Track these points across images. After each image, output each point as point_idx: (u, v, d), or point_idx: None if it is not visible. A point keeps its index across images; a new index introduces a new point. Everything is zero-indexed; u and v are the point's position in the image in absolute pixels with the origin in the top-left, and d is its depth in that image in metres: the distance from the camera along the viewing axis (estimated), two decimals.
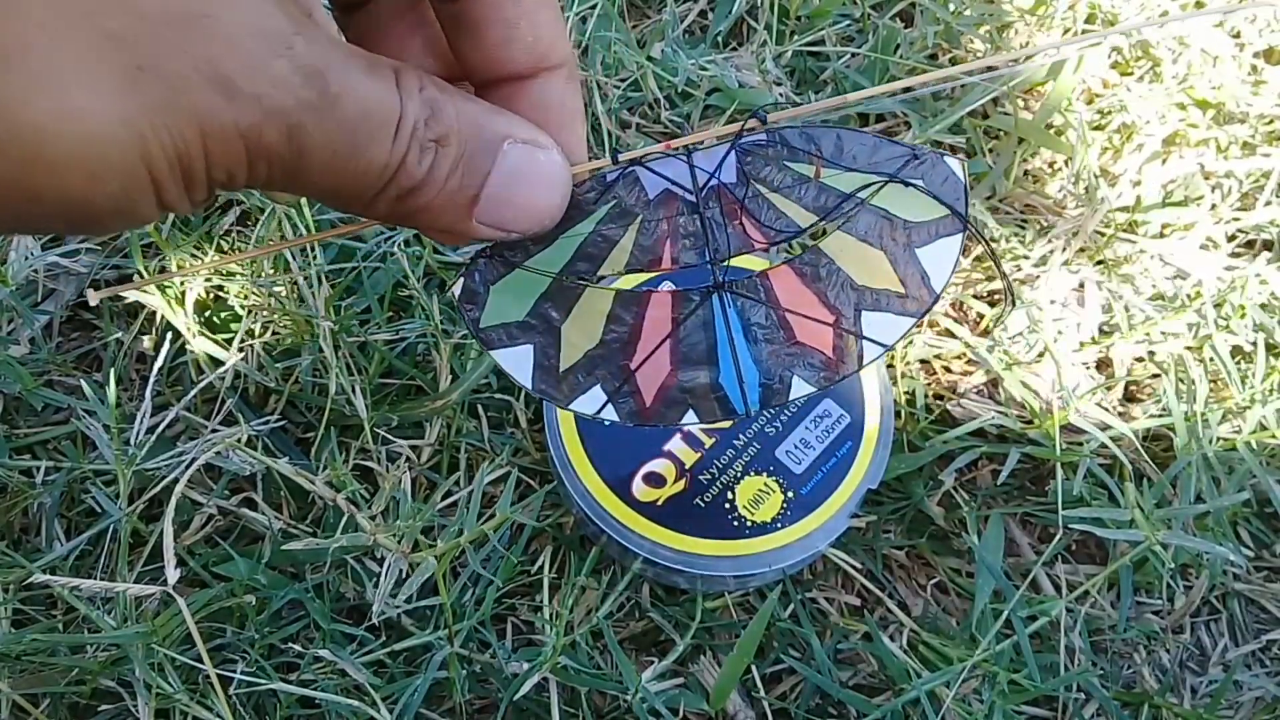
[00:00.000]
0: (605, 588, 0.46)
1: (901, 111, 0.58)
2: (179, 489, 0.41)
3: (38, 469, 0.48)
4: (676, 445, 0.46)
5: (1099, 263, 0.55)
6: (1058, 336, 0.52)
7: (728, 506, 0.44)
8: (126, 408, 0.50)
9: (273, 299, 0.50)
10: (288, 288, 0.50)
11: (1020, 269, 0.54)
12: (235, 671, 0.42)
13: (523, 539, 0.48)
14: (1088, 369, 0.53)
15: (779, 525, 0.44)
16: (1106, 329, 0.53)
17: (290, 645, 0.44)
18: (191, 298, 0.50)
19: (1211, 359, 0.51)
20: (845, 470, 0.45)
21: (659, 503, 0.44)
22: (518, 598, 0.48)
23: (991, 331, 0.53)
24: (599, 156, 0.26)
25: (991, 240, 0.55)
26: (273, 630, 0.45)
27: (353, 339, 0.50)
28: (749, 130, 0.27)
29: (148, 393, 0.44)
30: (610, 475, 0.45)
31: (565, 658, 0.43)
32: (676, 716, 0.45)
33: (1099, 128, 0.58)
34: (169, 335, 0.48)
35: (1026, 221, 0.56)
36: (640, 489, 0.45)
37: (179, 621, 0.40)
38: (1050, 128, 0.57)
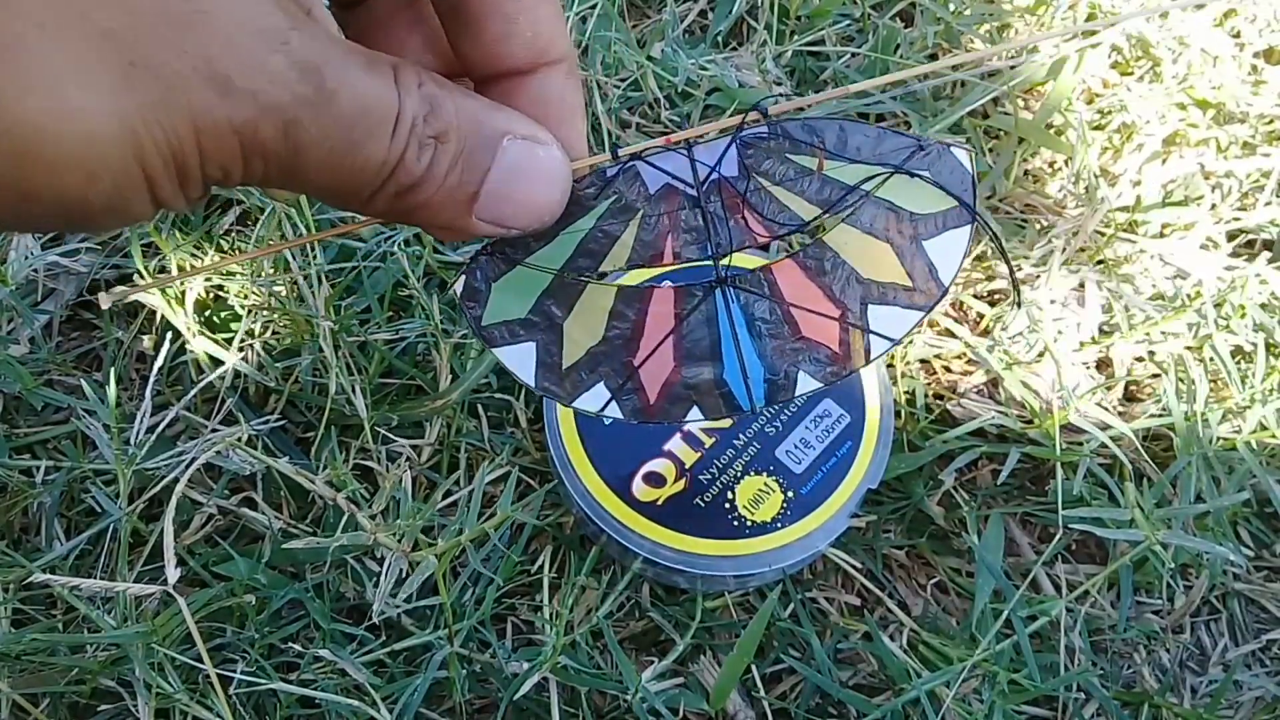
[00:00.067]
0: (605, 587, 0.46)
1: (902, 111, 0.58)
2: (179, 489, 0.41)
3: (38, 469, 0.48)
4: (676, 445, 0.46)
5: (1099, 263, 0.55)
6: (1058, 336, 0.52)
7: (728, 506, 0.44)
8: (126, 407, 0.50)
9: (273, 299, 0.50)
10: (288, 287, 0.50)
11: (1020, 269, 0.54)
12: (235, 671, 0.42)
13: (523, 539, 0.48)
14: (1088, 369, 0.52)
15: (779, 525, 0.44)
16: (1106, 329, 0.53)
17: (290, 645, 0.44)
18: (191, 297, 0.50)
19: (1211, 359, 0.51)
20: (845, 470, 0.45)
21: (659, 502, 0.44)
22: (518, 597, 0.47)
23: (992, 331, 0.53)
24: (599, 153, 0.26)
25: (994, 241, 0.55)
26: (273, 630, 0.45)
27: (353, 339, 0.50)
28: (750, 123, 0.26)
29: (148, 392, 0.44)
30: (610, 475, 0.45)
31: (565, 657, 0.43)
32: (676, 716, 0.45)
33: (1099, 128, 0.58)
34: (169, 335, 0.48)
35: (1026, 221, 0.56)
36: (640, 489, 0.45)
37: (179, 621, 0.40)
38: (1050, 127, 0.57)
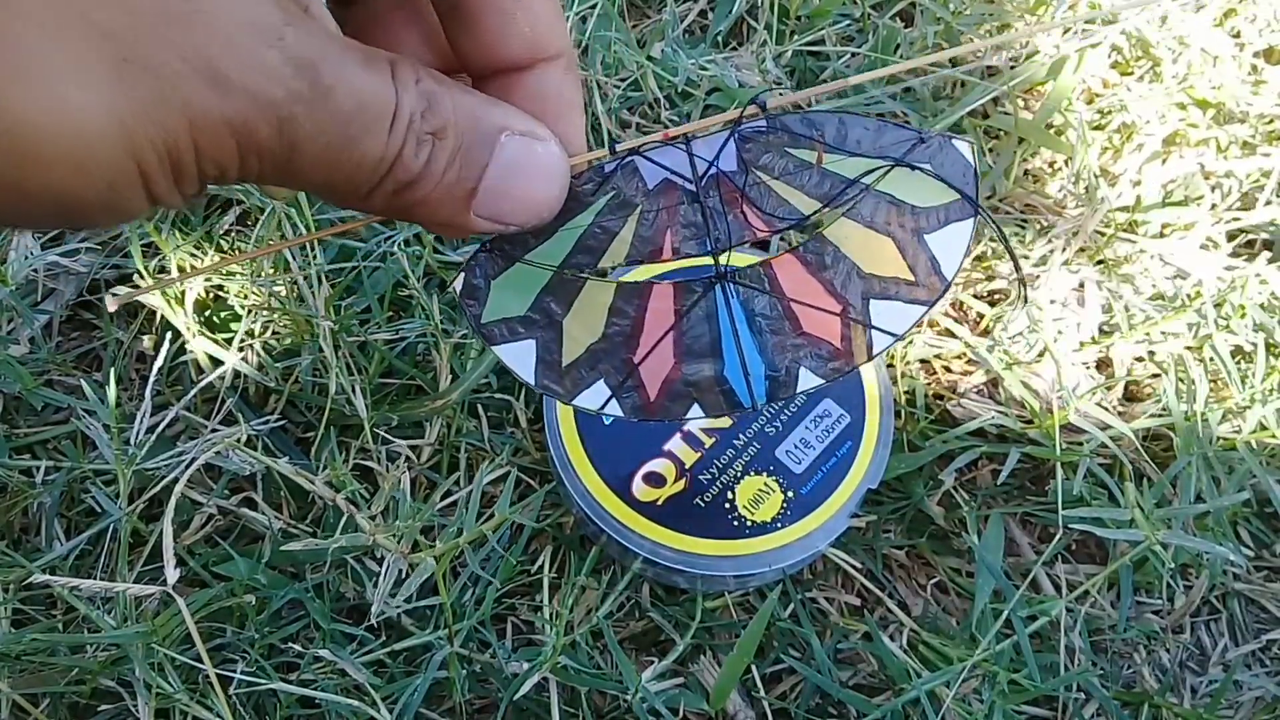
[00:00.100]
0: (605, 588, 0.46)
1: (902, 111, 0.58)
2: (179, 489, 0.41)
3: (38, 469, 0.48)
4: (676, 445, 0.46)
5: (1099, 263, 0.55)
6: (1058, 336, 0.52)
7: (728, 506, 0.44)
8: (126, 408, 0.50)
9: (273, 299, 0.50)
10: (288, 287, 0.50)
11: (1021, 269, 0.54)
12: (235, 671, 0.42)
13: (522, 539, 0.48)
14: (1088, 369, 0.52)
15: (779, 525, 0.44)
16: (1106, 329, 0.53)
17: (290, 645, 0.44)
18: (191, 297, 0.50)
19: (1211, 359, 0.50)
20: (845, 470, 0.45)
21: (659, 502, 0.44)
22: (518, 598, 0.47)
23: (992, 331, 0.53)
24: (597, 149, 0.26)
25: (993, 240, 0.55)
26: (273, 630, 0.45)
27: (353, 339, 0.50)
28: (748, 117, 0.26)
29: (148, 393, 0.44)
30: (610, 475, 0.45)
31: (565, 658, 0.43)
32: (676, 716, 0.45)
33: (1099, 128, 0.58)
34: (169, 335, 0.48)
35: (1026, 221, 0.56)
36: (640, 489, 0.45)
37: (179, 621, 0.40)
38: (1050, 127, 0.57)
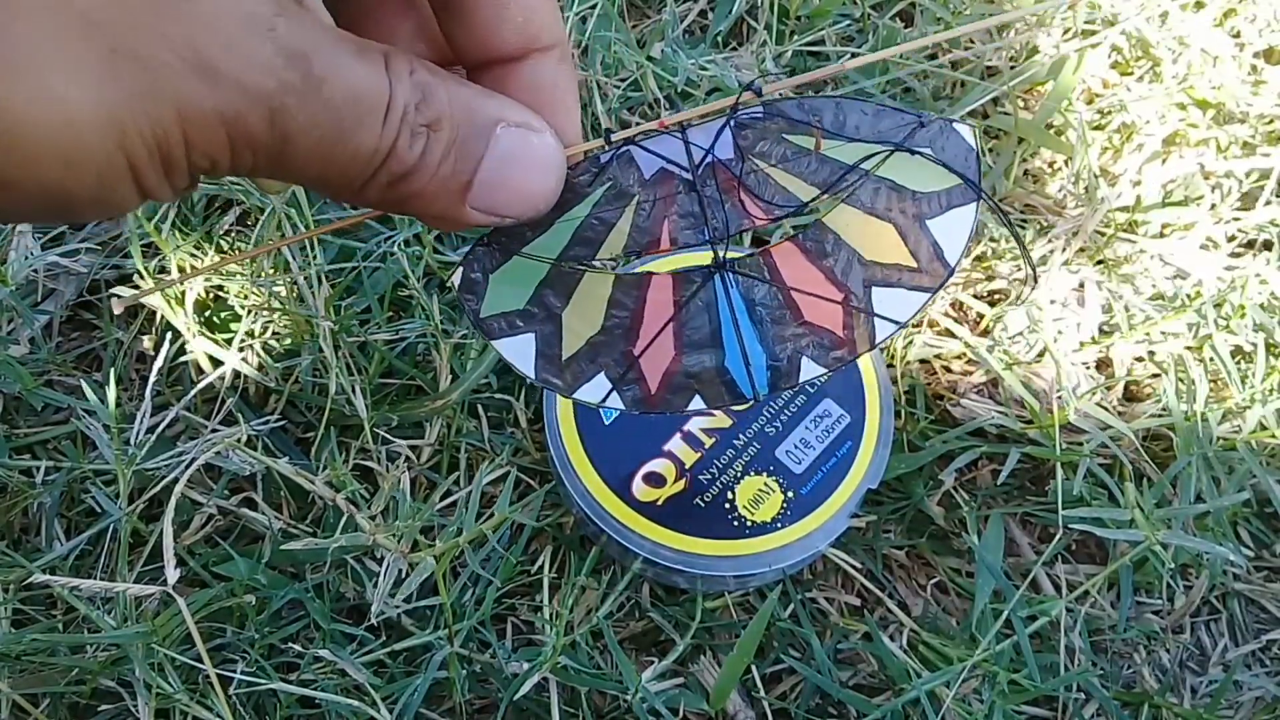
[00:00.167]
0: (605, 588, 0.46)
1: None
2: (179, 489, 0.41)
3: (38, 469, 0.48)
4: (676, 445, 0.46)
5: (1099, 263, 0.55)
6: (1058, 336, 0.52)
7: (728, 506, 0.44)
8: (126, 408, 0.50)
9: (273, 299, 0.50)
10: (288, 288, 0.50)
11: (1021, 268, 0.54)
12: (235, 671, 0.42)
13: (522, 539, 0.48)
14: (1088, 369, 0.52)
15: (779, 525, 0.44)
16: (1106, 329, 0.53)
17: (290, 645, 0.44)
18: (191, 298, 0.50)
19: (1211, 359, 0.50)
20: (845, 470, 0.45)
21: (659, 503, 0.44)
22: (518, 598, 0.47)
23: (992, 331, 0.53)
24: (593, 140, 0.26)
25: (992, 240, 0.55)
26: (273, 630, 0.45)
27: (353, 339, 0.50)
28: (744, 104, 0.26)
29: (148, 393, 0.44)
30: (610, 475, 0.45)
31: (565, 658, 0.43)
32: (676, 716, 0.45)
33: (1099, 128, 0.58)
34: (169, 335, 0.48)
35: (1026, 221, 0.56)
36: (640, 489, 0.44)
37: (179, 621, 0.40)
38: (1050, 128, 0.57)
